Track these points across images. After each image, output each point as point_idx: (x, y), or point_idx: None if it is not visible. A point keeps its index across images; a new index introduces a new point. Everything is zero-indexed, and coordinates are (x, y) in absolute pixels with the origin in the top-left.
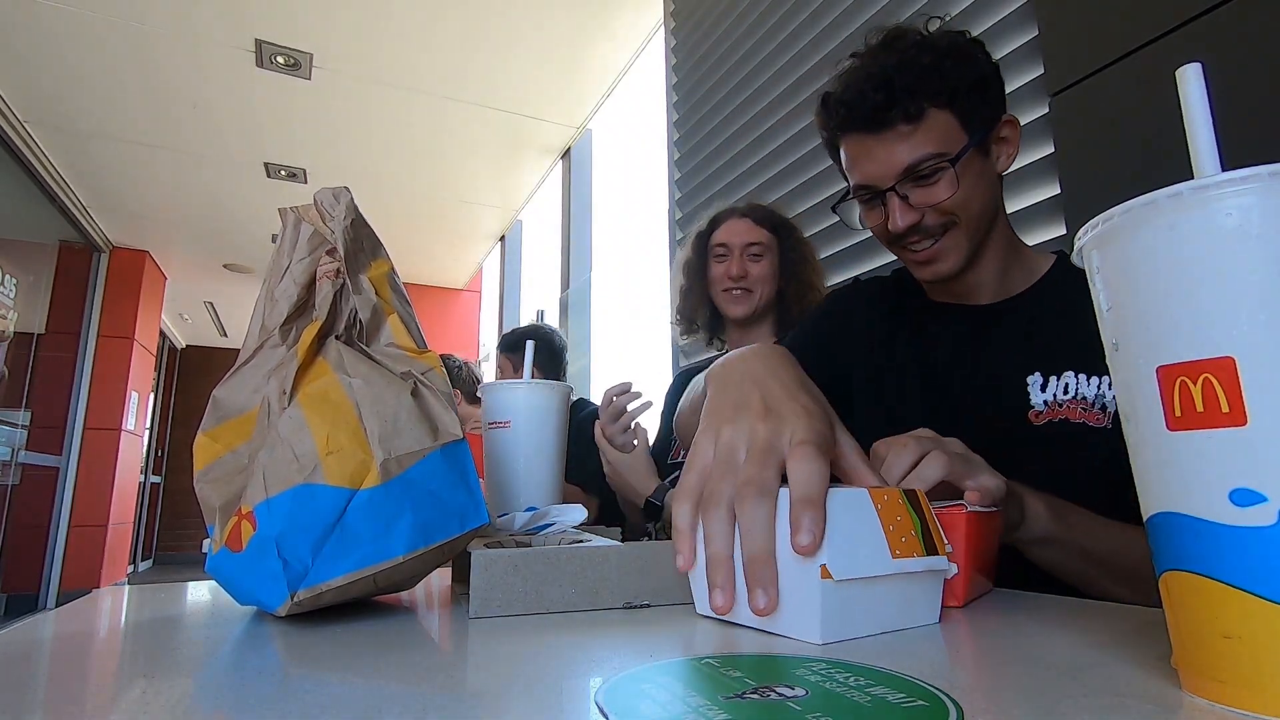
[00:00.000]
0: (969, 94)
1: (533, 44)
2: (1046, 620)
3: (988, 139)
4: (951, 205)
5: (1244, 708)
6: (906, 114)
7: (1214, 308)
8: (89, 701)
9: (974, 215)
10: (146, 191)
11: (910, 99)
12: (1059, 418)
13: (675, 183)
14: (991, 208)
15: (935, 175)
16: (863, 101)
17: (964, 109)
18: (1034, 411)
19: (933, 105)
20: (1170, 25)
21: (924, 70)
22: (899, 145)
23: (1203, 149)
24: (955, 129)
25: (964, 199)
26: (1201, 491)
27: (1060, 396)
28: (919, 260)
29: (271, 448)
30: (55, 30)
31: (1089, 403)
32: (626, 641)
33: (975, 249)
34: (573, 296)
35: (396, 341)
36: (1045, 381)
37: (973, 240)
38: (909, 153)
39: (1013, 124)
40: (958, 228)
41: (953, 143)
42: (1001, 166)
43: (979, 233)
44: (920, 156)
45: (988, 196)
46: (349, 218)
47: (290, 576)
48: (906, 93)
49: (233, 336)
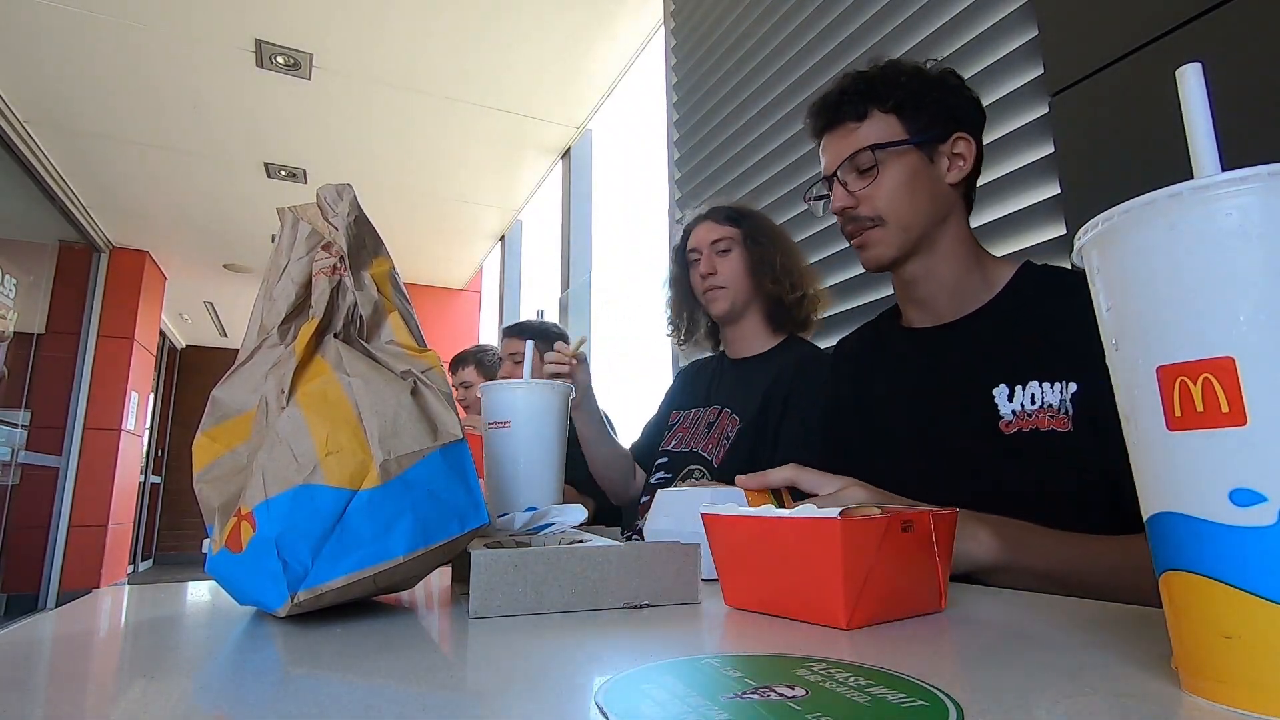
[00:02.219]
0: (918, 105)
1: (533, 44)
2: (1046, 620)
3: (934, 148)
4: (881, 200)
5: (1244, 708)
6: (855, 113)
7: (1214, 308)
8: (89, 701)
9: (903, 215)
10: (146, 191)
11: (859, 100)
12: (1029, 427)
13: (675, 183)
14: (930, 213)
15: (870, 169)
16: (824, 103)
17: (910, 116)
18: (1004, 422)
19: (877, 108)
20: (1170, 25)
21: (876, 80)
22: (846, 139)
23: (1203, 149)
24: (897, 131)
25: (891, 194)
26: (1201, 491)
27: (1028, 406)
28: (855, 247)
29: (270, 448)
30: (55, 30)
31: (1055, 409)
32: (626, 641)
33: (908, 246)
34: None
35: (397, 339)
36: (1011, 392)
37: (903, 237)
38: (850, 145)
39: (969, 142)
40: (884, 226)
41: (888, 141)
42: (951, 178)
43: (912, 230)
44: (851, 149)
45: (926, 200)
46: (352, 214)
47: (290, 577)
48: (856, 95)
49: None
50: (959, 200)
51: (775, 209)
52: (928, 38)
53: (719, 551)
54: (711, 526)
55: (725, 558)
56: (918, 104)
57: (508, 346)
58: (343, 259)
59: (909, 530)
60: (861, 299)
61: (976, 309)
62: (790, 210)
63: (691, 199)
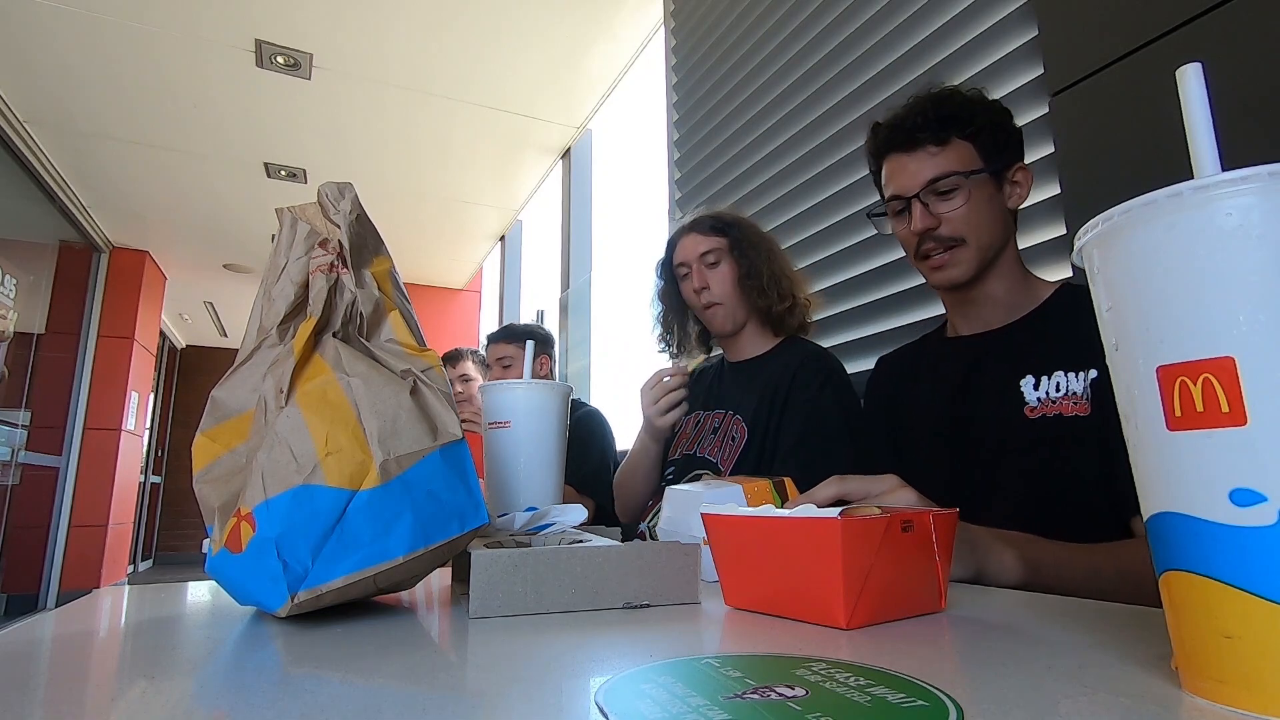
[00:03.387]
0: (990, 134)
1: (533, 44)
2: (1046, 620)
3: (1002, 175)
4: (962, 223)
5: (1244, 708)
6: (935, 138)
7: (1214, 308)
8: (89, 701)
9: (981, 236)
10: (146, 191)
11: (939, 127)
12: (1053, 413)
13: (675, 183)
14: (1000, 235)
15: (952, 192)
16: (901, 125)
17: (984, 144)
18: (1029, 408)
19: (958, 135)
20: (1170, 25)
21: (954, 108)
22: (926, 162)
23: (1203, 149)
24: (974, 158)
25: (973, 218)
26: (1201, 491)
27: (1053, 394)
28: (933, 266)
29: (270, 448)
30: (55, 30)
31: (1078, 396)
32: (626, 641)
33: (983, 266)
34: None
35: (397, 338)
36: (1037, 381)
37: (980, 257)
38: (933, 168)
39: (1026, 172)
40: (965, 246)
41: (971, 167)
42: (1012, 204)
43: (985, 251)
44: (942, 171)
45: (997, 223)
46: (354, 212)
47: (290, 578)
48: (936, 122)
49: (232, 336)
50: (1014, 225)
51: (775, 209)
52: (928, 38)
53: (719, 551)
54: (711, 527)
55: (725, 558)
56: (993, 134)
57: (494, 351)
58: (340, 256)
59: (909, 530)
60: (859, 299)
61: (1015, 320)
62: (790, 210)
63: (691, 199)
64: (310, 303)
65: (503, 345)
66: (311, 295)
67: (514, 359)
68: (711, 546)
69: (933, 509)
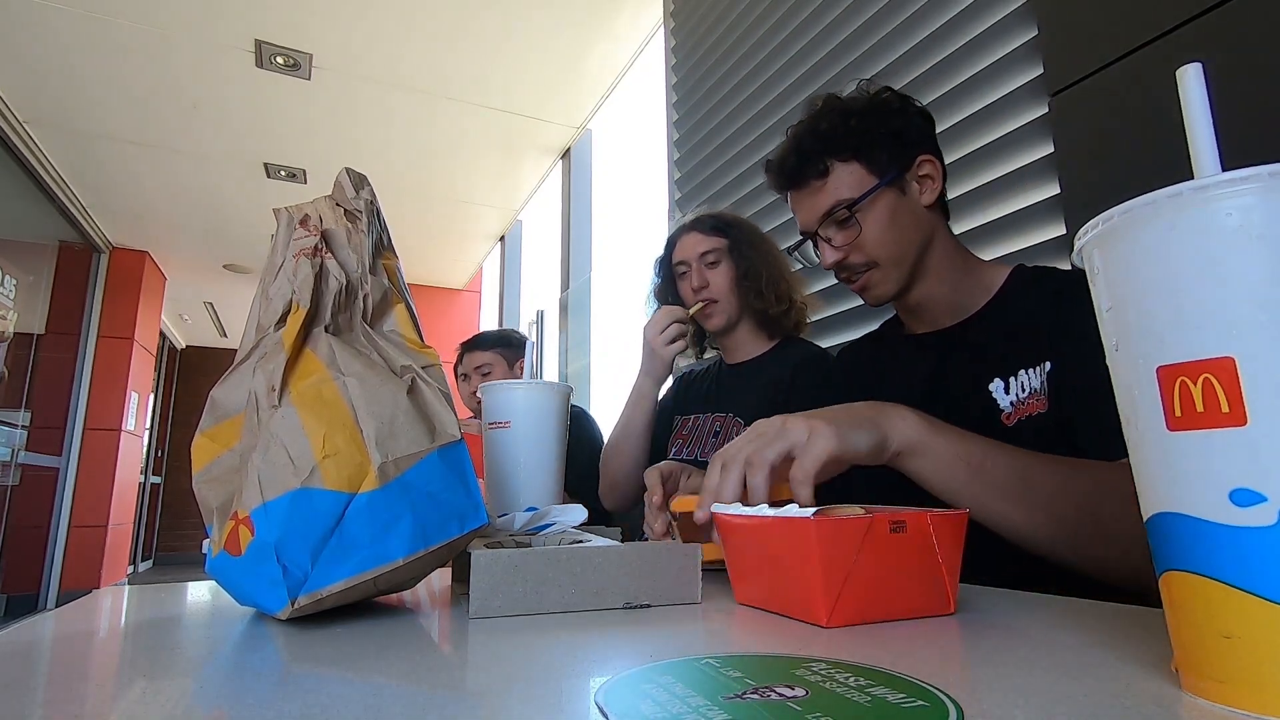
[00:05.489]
0: (875, 144)
1: (533, 44)
2: (1046, 620)
3: (902, 179)
4: (870, 246)
5: (1244, 708)
6: (816, 171)
7: (1214, 308)
8: (89, 701)
9: (894, 252)
10: (146, 191)
11: (817, 158)
12: (1025, 415)
13: (675, 183)
14: (918, 240)
15: (849, 219)
16: (782, 166)
17: (872, 158)
18: (1004, 415)
19: (837, 160)
20: (1170, 25)
21: (828, 132)
22: (814, 198)
23: (1203, 149)
24: (863, 176)
25: (879, 237)
26: (1201, 491)
27: (1021, 395)
28: (855, 290)
29: (265, 449)
30: (55, 30)
31: (1040, 393)
32: (626, 641)
33: (909, 276)
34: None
35: (401, 331)
36: (1006, 385)
37: (899, 271)
38: (823, 202)
39: (933, 162)
40: (879, 267)
41: (861, 189)
42: (926, 200)
43: (904, 264)
44: (831, 204)
45: (910, 230)
46: (374, 202)
47: (290, 583)
48: (813, 154)
49: (232, 337)
50: (938, 216)
51: (775, 209)
52: (927, 38)
53: (727, 549)
54: (719, 527)
55: (732, 556)
56: (874, 143)
57: (473, 360)
58: (324, 238)
59: (900, 531)
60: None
61: (973, 314)
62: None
63: (691, 199)
64: (295, 291)
65: (479, 353)
66: (297, 283)
67: (493, 365)
68: (722, 545)
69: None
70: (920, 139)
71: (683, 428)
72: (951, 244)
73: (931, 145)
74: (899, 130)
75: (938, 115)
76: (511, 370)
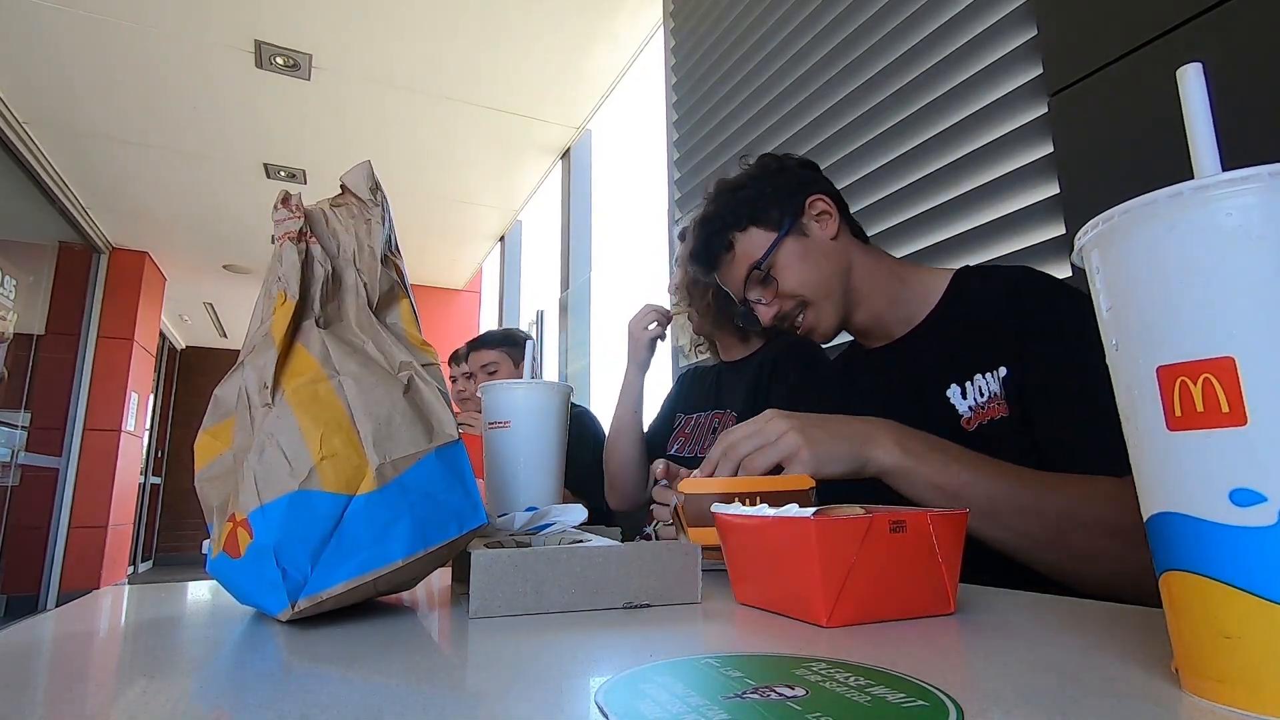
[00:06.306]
0: (764, 205)
1: (533, 44)
2: (1046, 620)
3: (799, 224)
4: (797, 289)
5: (1244, 708)
6: (723, 247)
7: (1214, 308)
8: (89, 701)
9: (819, 288)
10: (146, 192)
11: (720, 237)
12: (985, 419)
13: (675, 183)
14: (838, 269)
15: (767, 275)
16: (696, 256)
17: (764, 218)
18: (964, 420)
19: (737, 231)
20: (1170, 25)
21: (721, 212)
22: (731, 270)
23: (1203, 149)
24: (763, 236)
25: (800, 279)
26: (1201, 491)
27: (979, 400)
28: (802, 334)
29: (260, 450)
30: (55, 30)
31: (999, 397)
32: (626, 641)
33: (844, 305)
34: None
35: (404, 326)
36: (963, 389)
37: (831, 303)
38: (738, 272)
39: (824, 199)
40: (811, 305)
41: (765, 247)
42: (829, 233)
43: (832, 294)
44: (745, 271)
45: (826, 263)
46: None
47: (290, 586)
48: (715, 234)
49: (233, 337)
50: (849, 242)
51: None
52: (927, 37)
53: (727, 549)
54: (720, 526)
55: (732, 556)
56: (763, 204)
57: (479, 359)
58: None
59: (900, 531)
60: None
61: (920, 322)
62: None
63: (691, 199)
64: (282, 279)
65: (486, 352)
66: (283, 270)
67: (499, 363)
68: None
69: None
70: (805, 184)
71: (684, 426)
72: (874, 262)
73: (819, 185)
74: (781, 185)
75: (938, 115)
76: (517, 368)
